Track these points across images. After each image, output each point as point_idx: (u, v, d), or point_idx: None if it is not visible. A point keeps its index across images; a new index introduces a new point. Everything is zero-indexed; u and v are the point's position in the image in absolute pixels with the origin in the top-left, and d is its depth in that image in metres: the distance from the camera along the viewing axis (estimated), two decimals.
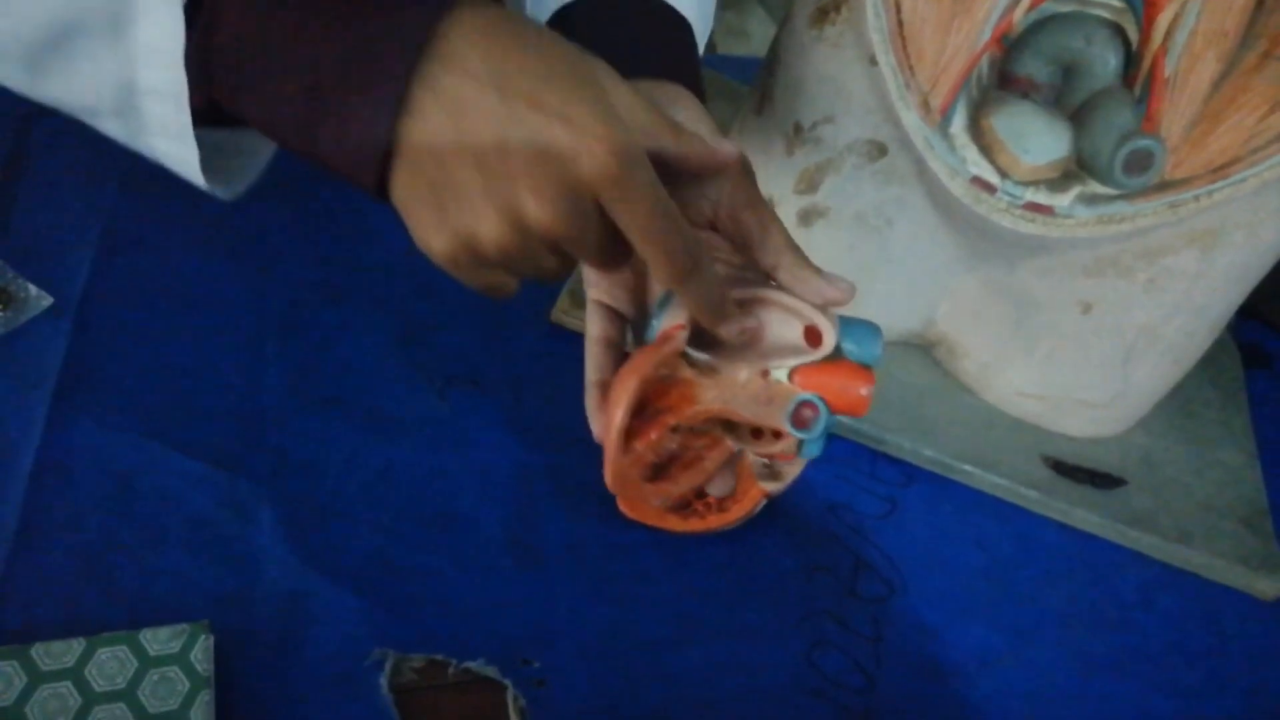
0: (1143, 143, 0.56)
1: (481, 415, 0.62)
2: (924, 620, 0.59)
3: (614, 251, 0.40)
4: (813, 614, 0.58)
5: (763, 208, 0.45)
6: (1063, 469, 0.67)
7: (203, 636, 0.48)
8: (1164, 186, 0.57)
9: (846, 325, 0.46)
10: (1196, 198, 0.57)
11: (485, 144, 0.36)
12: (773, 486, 0.54)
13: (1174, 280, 0.60)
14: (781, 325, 0.46)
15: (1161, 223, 0.58)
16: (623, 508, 0.58)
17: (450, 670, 0.51)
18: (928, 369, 0.71)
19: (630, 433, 0.46)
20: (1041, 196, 0.58)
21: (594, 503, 0.59)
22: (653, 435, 0.46)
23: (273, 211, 0.70)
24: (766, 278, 0.47)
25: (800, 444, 0.47)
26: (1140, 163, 0.56)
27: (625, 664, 0.54)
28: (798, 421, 0.45)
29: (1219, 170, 0.56)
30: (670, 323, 0.46)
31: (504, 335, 0.67)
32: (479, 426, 0.62)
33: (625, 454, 0.46)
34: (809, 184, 0.64)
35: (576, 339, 0.66)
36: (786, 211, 0.66)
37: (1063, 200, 0.58)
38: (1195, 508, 0.66)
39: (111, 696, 0.45)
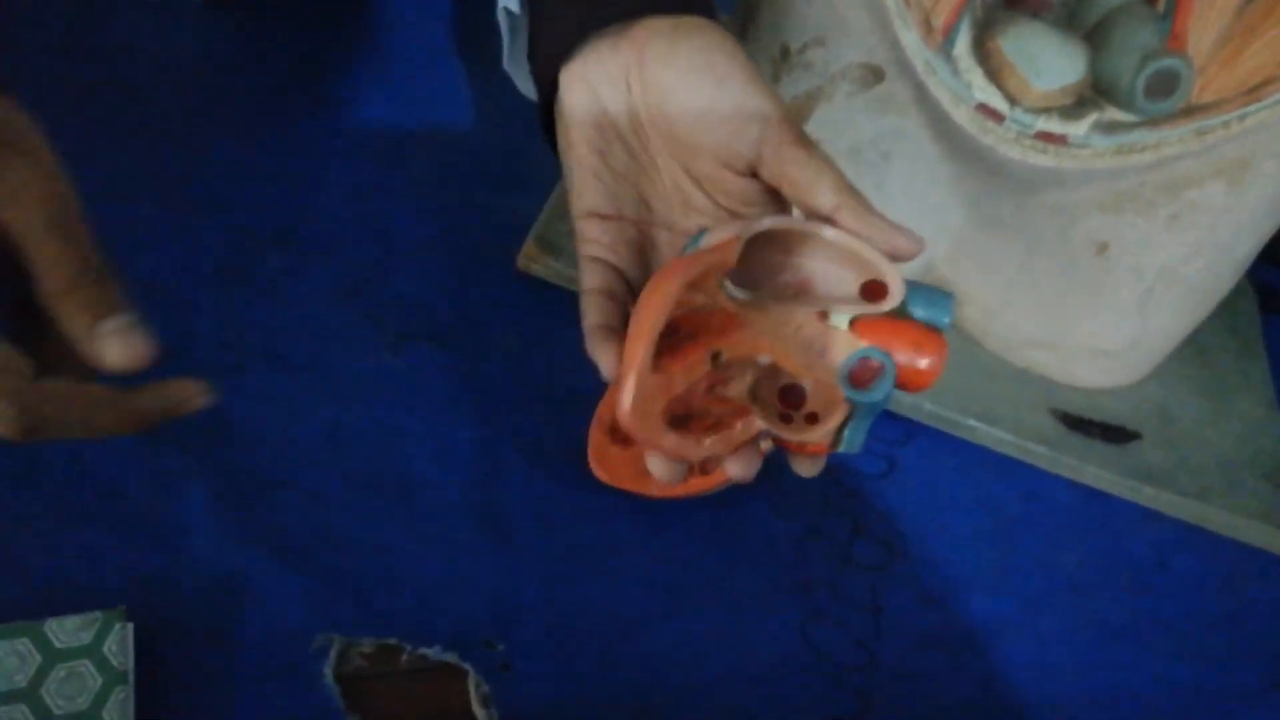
0: (1167, 62, 0.51)
1: (439, 372, 0.57)
2: (926, 588, 0.55)
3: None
4: (806, 584, 0.53)
5: (812, 144, 0.39)
6: (1072, 422, 0.62)
7: (118, 625, 0.42)
8: (1190, 111, 0.52)
9: (915, 288, 0.37)
10: (1226, 123, 0.52)
11: None
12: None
13: (1199, 215, 0.55)
14: (833, 277, 0.38)
15: (1186, 152, 0.53)
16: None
17: (404, 656, 0.46)
18: None
19: (659, 353, 0.36)
20: (1054, 125, 0.53)
21: (563, 466, 0.54)
22: (690, 355, 0.37)
23: (206, 146, 0.64)
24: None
25: (839, 433, 0.37)
26: (1164, 85, 0.51)
27: (599, 643, 0.49)
28: (856, 379, 0.36)
29: (1251, 92, 0.51)
30: (717, 239, 0.37)
31: (464, 284, 0.61)
32: (436, 385, 0.56)
33: (654, 370, 0.36)
34: (797, 115, 0.59)
35: (545, 288, 0.61)
36: None
37: (1078, 128, 0.53)
38: (1213, 462, 0.62)
39: (9, 697, 0.40)
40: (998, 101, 0.53)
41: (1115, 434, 0.62)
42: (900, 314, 0.36)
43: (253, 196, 0.62)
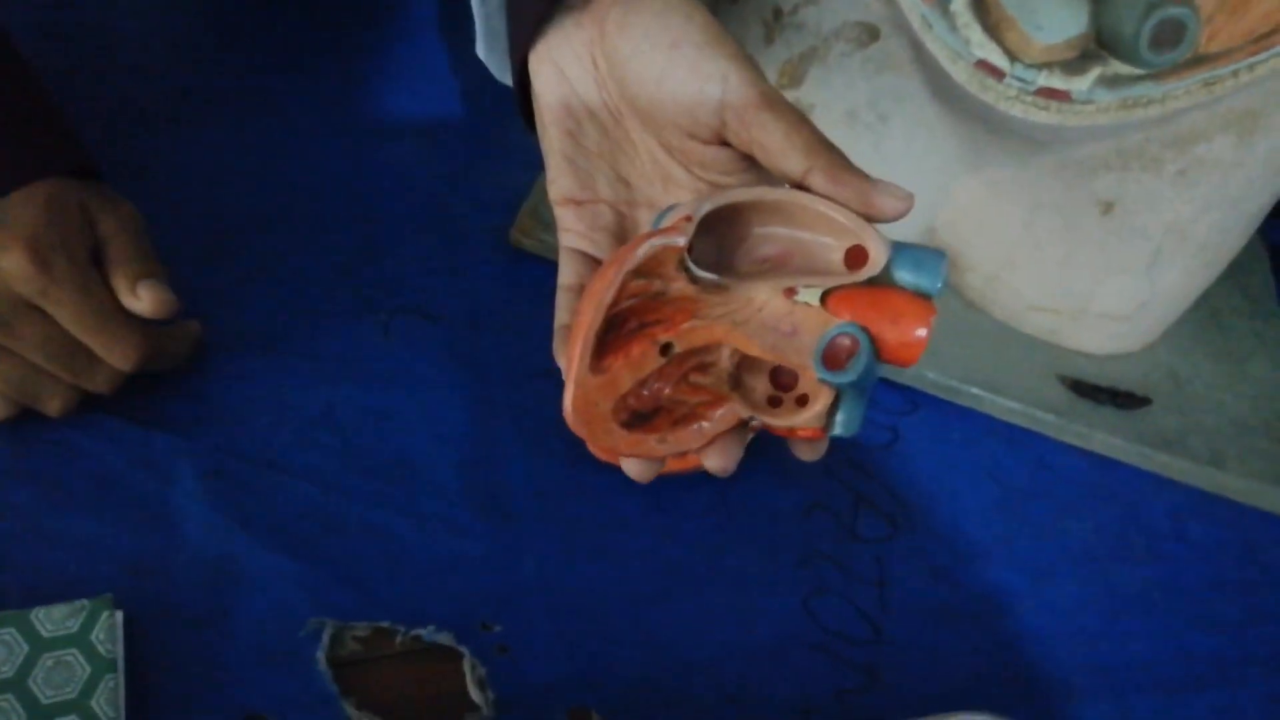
0: (1172, 11, 0.49)
1: (432, 350, 0.56)
2: (933, 561, 0.54)
3: (70, 355, 0.46)
4: (810, 558, 0.52)
5: (780, 101, 0.36)
6: (1081, 389, 0.61)
7: (105, 613, 0.41)
8: (1197, 62, 0.50)
9: (901, 250, 0.33)
10: (1235, 73, 0.50)
11: None
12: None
13: (1207, 171, 0.54)
14: (814, 247, 0.35)
15: (1194, 104, 0.52)
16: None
17: (398, 639, 0.45)
18: None
19: (605, 349, 0.34)
20: (1056, 80, 0.52)
21: (561, 443, 0.53)
22: (634, 350, 0.34)
23: (192, 129, 0.63)
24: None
25: (831, 414, 0.33)
26: (1170, 35, 0.49)
27: (600, 623, 0.48)
28: (830, 360, 0.32)
29: (1261, 40, 0.50)
30: (670, 220, 0.35)
31: (457, 261, 0.60)
32: (430, 363, 0.55)
33: (595, 373, 0.34)
34: (792, 77, 0.57)
35: (539, 263, 0.60)
36: None
37: (1081, 84, 0.52)
38: (1227, 426, 0.61)
39: None
40: (997, 58, 0.52)
41: (1125, 400, 0.61)
42: (882, 281, 0.33)
43: (240, 178, 0.61)
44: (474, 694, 0.44)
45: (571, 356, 0.33)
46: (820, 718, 0.47)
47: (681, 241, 0.33)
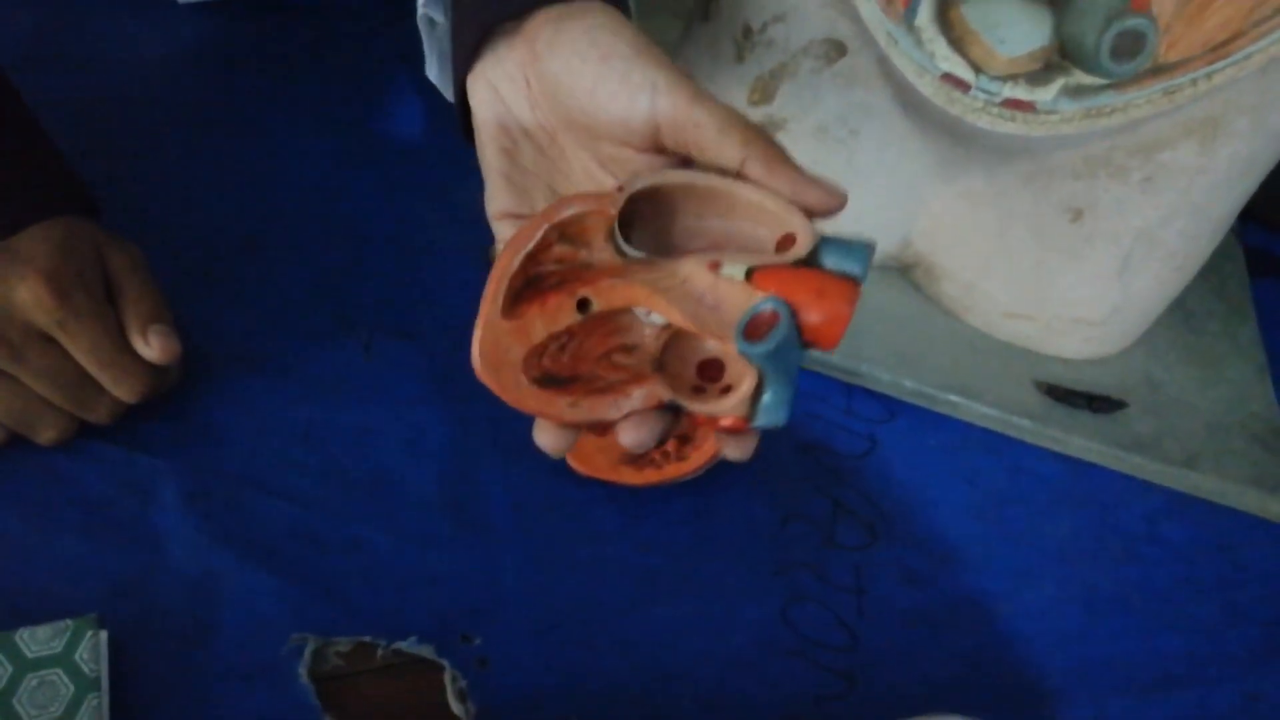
0: (1132, 22, 0.50)
1: (412, 368, 0.56)
2: (911, 567, 0.54)
3: (77, 387, 0.47)
4: (788, 567, 0.53)
5: (710, 100, 0.37)
6: (1057, 394, 0.61)
7: (90, 633, 0.42)
8: (1157, 71, 0.51)
9: (830, 240, 0.34)
10: (1194, 81, 0.51)
11: None
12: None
13: (1172, 177, 0.55)
14: (747, 235, 0.35)
15: (1156, 112, 0.52)
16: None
17: (379, 652, 0.46)
18: (906, 294, 0.65)
19: (522, 299, 0.34)
20: (1021, 91, 0.52)
21: (538, 457, 0.53)
22: (550, 301, 0.34)
23: (173, 150, 0.64)
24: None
25: (753, 403, 0.33)
26: (1130, 45, 0.50)
27: (579, 634, 0.48)
28: (751, 331, 0.32)
29: (1218, 49, 0.50)
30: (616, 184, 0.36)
31: (435, 280, 0.60)
32: (409, 380, 0.56)
33: (507, 316, 0.33)
34: (764, 94, 0.58)
35: None
36: None
37: (1045, 94, 0.52)
38: (1202, 428, 0.61)
39: None
40: (963, 71, 0.52)
41: (1101, 404, 0.61)
42: (808, 264, 0.33)
43: (221, 201, 0.62)
44: (455, 706, 0.45)
45: (484, 300, 0.33)
46: None
47: (613, 210, 0.34)
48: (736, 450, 0.36)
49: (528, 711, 0.46)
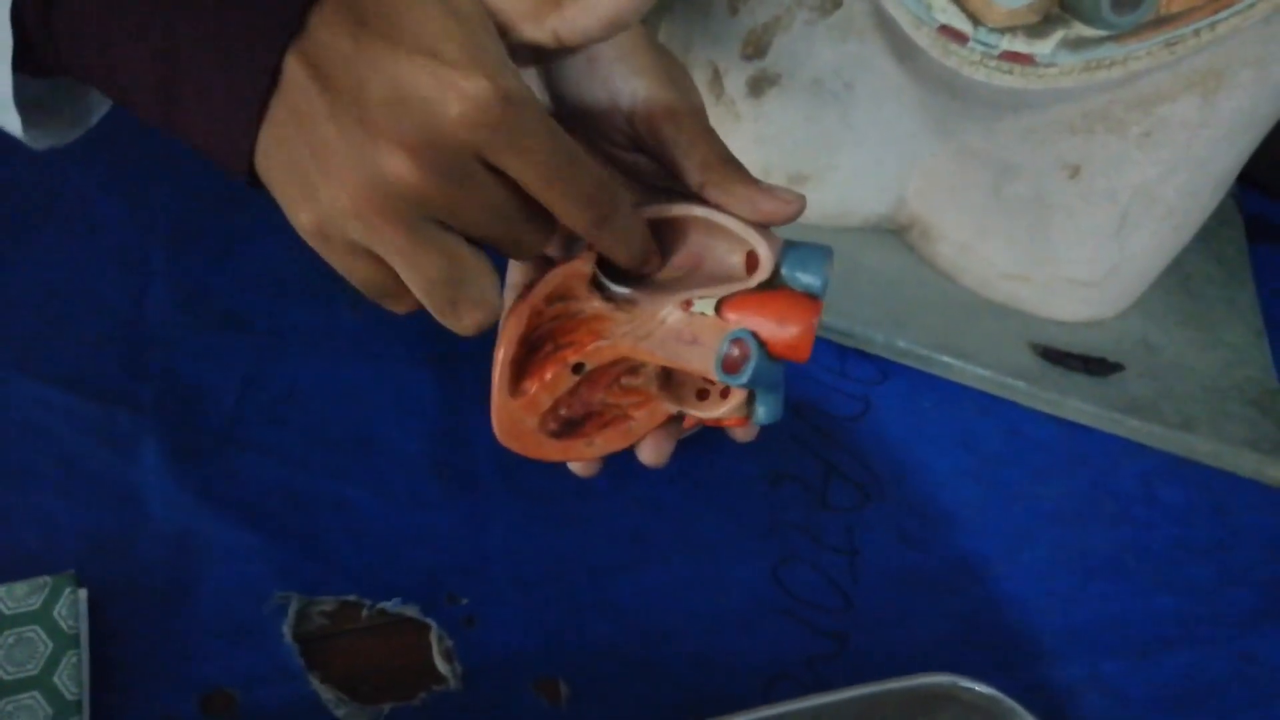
0: None
1: (400, 325, 0.54)
2: (904, 529, 0.54)
3: (521, 223, 0.33)
4: (780, 527, 0.52)
5: (684, 115, 0.36)
6: (1053, 356, 0.61)
7: (68, 589, 0.41)
8: (1158, 22, 0.50)
9: (792, 248, 0.36)
10: (1196, 32, 0.50)
11: (343, 97, 0.30)
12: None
13: (1172, 132, 0.54)
14: (719, 253, 0.37)
15: (1157, 65, 0.51)
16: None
17: (364, 612, 0.45)
18: (900, 255, 0.64)
19: (524, 373, 0.38)
20: (1019, 44, 0.51)
21: None
22: (547, 374, 0.38)
23: None
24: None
25: (750, 404, 0.37)
26: None
27: (567, 593, 0.48)
28: (729, 364, 0.35)
29: None
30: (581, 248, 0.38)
31: None
32: (397, 338, 0.55)
33: (515, 395, 0.38)
34: (756, 47, 0.57)
35: None
36: (735, 81, 0.58)
37: (1044, 47, 0.51)
38: (1199, 391, 0.61)
39: None
40: (960, 22, 0.51)
41: (1097, 366, 0.61)
42: (773, 284, 0.35)
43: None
44: (441, 666, 0.44)
45: (494, 385, 0.38)
46: (790, 684, 0.47)
47: (585, 269, 0.36)
48: (744, 435, 0.38)
49: (515, 671, 0.45)
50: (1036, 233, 0.59)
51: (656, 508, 0.51)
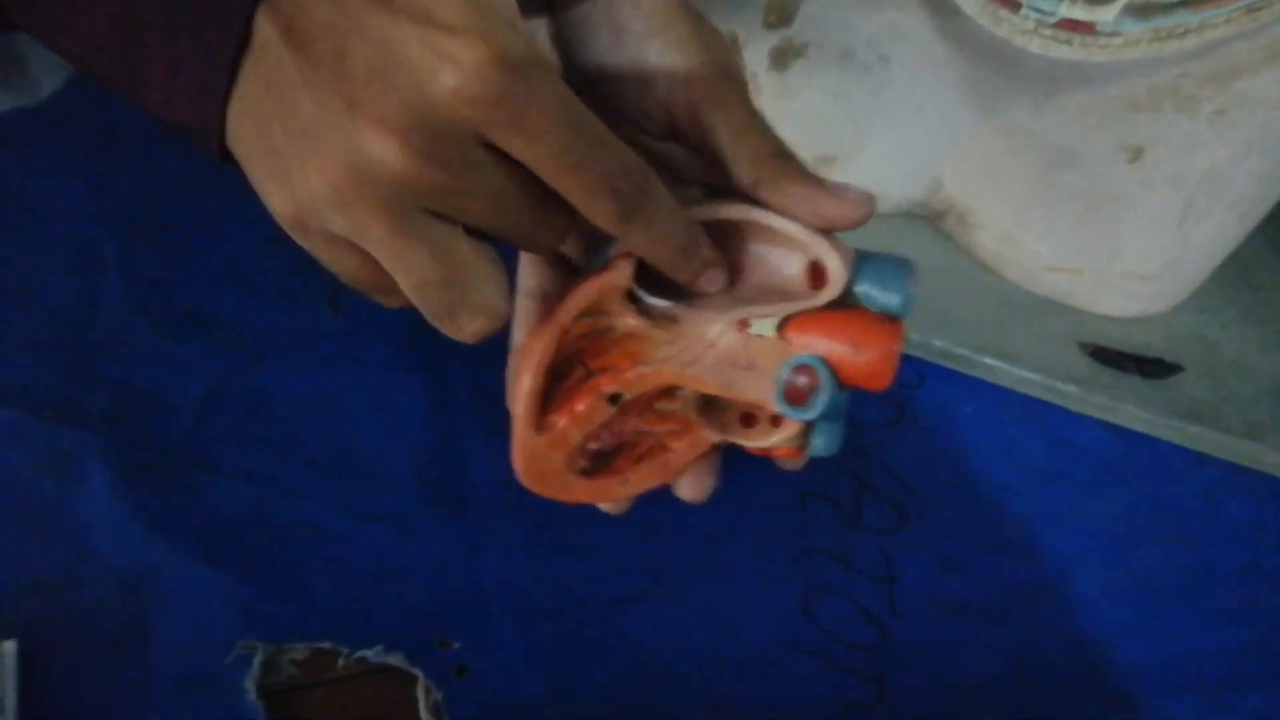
0: None
1: (385, 326, 0.51)
2: (945, 553, 0.50)
3: (532, 215, 0.29)
4: (809, 553, 0.49)
5: (732, 100, 0.32)
6: (1105, 357, 0.56)
7: None
8: None
9: (866, 261, 0.32)
10: None
11: (321, 65, 0.27)
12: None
13: (1249, 110, 0.50)
14: (775, 261, 0.34)
15: (1236, 34, 0.47)
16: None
17: (341, 661, 0.41)
18: (936, 244, 0.60)
19: (550, 404, 0.34)
20: (1079, 11, 0.47)
21: None
22: (579, 406, 0.33)
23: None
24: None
25: (806, 435, 0.33)
26: None
27: (572, 633, 0.44)
28: (792, 395, 0.32)
29: None
30: (618, 250, 0.34)
31: None
32: (380, 341, 0.51)
33: (540, 431, 0.33)
34: (781, 14, 0.52)
35: None
36: (757, 53, 0.54)
37: (1106, 13, 0.47)
38: (1263, 394, 0.57)
39: None
40: None
41: (1153, 368, 0.57)
42: (843, 302, 0.31)
43: (169, 138, 0.56)
44: None
45: (514, 418, 0.32)
46: None
47: (622, 281, 0.32)
48: (792, 465, 0.34)
49: None
50: (1089, 222, 0.55)
51: (672, 533, 0.47)
